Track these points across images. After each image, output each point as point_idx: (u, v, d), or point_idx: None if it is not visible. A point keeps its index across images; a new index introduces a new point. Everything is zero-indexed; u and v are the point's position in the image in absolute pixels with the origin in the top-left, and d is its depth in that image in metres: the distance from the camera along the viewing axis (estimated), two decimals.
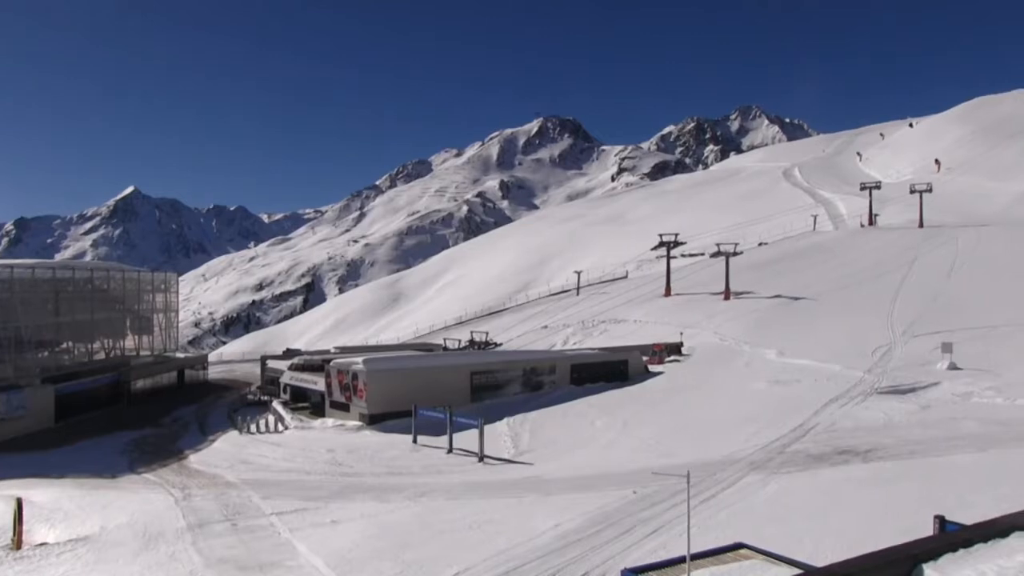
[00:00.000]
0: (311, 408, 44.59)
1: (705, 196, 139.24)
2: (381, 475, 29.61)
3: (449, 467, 30.20)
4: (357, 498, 25.67)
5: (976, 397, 32.91)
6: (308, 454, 34.28)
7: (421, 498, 25.04)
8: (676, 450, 29.10)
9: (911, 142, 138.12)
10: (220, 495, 27.52)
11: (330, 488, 27.56)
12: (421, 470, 29.98)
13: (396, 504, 24.46)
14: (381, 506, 24.32)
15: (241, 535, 22.52)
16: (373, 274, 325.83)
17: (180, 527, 23.59)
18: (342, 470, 31.05)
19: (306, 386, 46.11)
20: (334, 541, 21.12)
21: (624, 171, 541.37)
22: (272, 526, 23.14)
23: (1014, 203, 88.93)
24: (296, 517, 23.71)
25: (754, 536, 13.86)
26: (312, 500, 25.61)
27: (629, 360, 47.73)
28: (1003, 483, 19.79)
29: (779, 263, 74.77)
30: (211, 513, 24.99)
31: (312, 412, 43.82)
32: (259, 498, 26.45)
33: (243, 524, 23.56)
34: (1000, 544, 7.12)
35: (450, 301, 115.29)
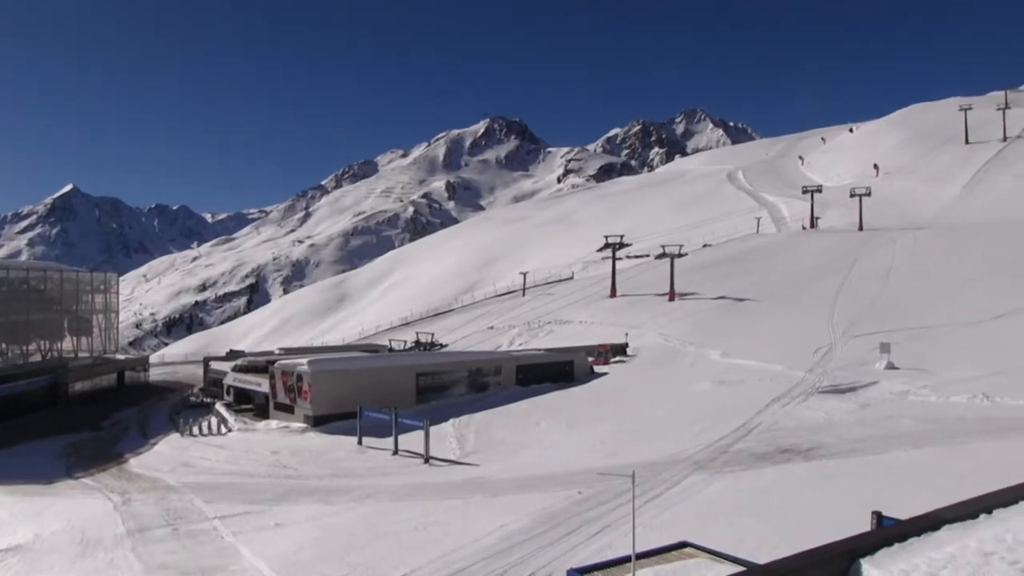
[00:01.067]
0: (255, 410, 44.07)
1: (650, 198, 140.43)
2: (326, 477, 29.37)
3: (395, 468, 30.05)
4: (302, 500, 25.41)
5: (912, 396, 33.65)
6: (252, 456, 33.88)
7: (367, 500, 24.87)
8: (621, 450, 29.27)
9: (851, 147, 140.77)
10: (161, 499, 27.05)
11: (274, 491, 27.25)
12: (366, 472, 29.79)
13: (341, 506, 24.25)
14: (326, 508, 24.11)
15: (183, 540, 22.14)
16: (318, 275, 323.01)
17: (119, 533, 23.11)
18: (286, 472, 30.73)
19: (250, 388, 45.55)
20: (278, 544, 20.88)
21: (570, 173, 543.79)
22: (215, 530, 22.80)
23: (948, 207, 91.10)
24: (239, 521, 23.39)
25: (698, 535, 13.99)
26: (256, 503, 25.29)
27: (575, 361, 47.94)
28: (936, 479, 20.25)
29: (723, 265, 75.69)
30: (152, 518, 24.53)
31: (256, 414, 43.31)
32: (201, 502, 26.04)
33: (185, 529, 23.18)
34: (932, 537, 7.30)
35: (396, 302, 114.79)
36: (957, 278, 58.45)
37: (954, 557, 6.54)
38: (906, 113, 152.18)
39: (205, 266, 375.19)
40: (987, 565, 6.26)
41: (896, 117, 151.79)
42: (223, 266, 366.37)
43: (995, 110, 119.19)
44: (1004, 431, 26.19)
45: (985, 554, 6.50)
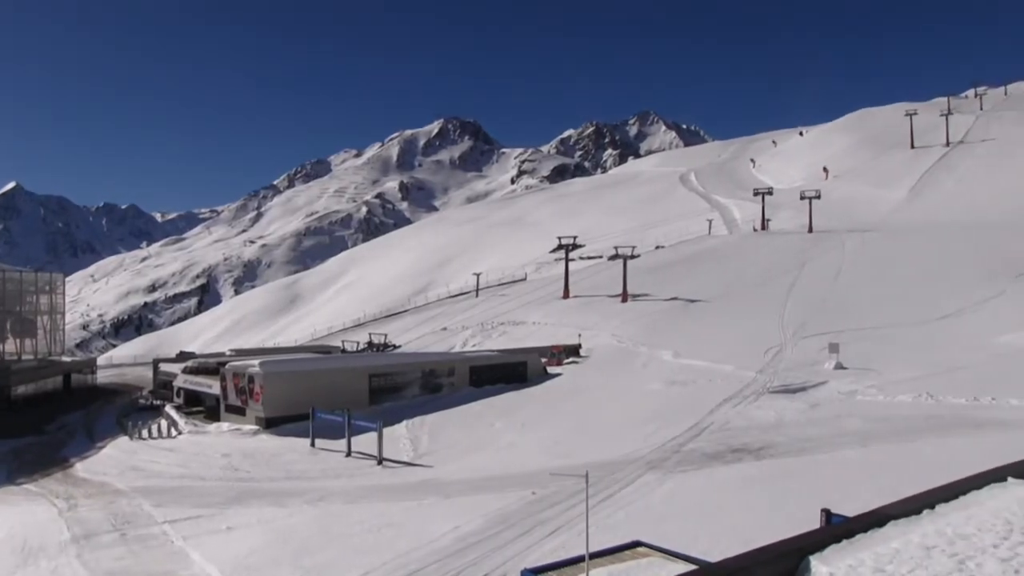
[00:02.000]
0: (206, 412, 43.53)
1: (603, 200, 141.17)
2: (278, 480, 29.12)
3: (348, 470, 29.87)
4: (254, 503, 25.16)
5: (860, 395, 34.19)
6: (203, 459, 33.45)
7: (319, 502, 24.70)
8: (575, 450, 29.38)
9: (801, 150, 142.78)
10: (109, 504, 26.59)
11: (226, 494, 26.93)
12: (319, 474, 29.59)
13: (294, 509, 24.06)
14: (279, 511, 23.90)
15: (131, 545, 21.80)
16: (270, 275, 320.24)
17: (64, 540, 22.66)
18: (238, 475, 30.40)
19: (201, 390, 44.99)
20: (230, 548, 20.65)
21: (524, 174, 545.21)
22: (165, 535, 22.48)
23: (895, 210, 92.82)
24: (190, 525, 23.09)
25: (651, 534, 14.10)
26: (207, 507, 24.98)
27: (528, 362, 48.03)
28: (883, 476, 20.60)
29: (675, 266, 76.35)
30: (98, 523, 24.10)
31: (207, 416, 42.78)
32: (151, 506, 25.66)
33: (133, 534, 22.82)
34: (878, 533, 7.46)
35: (348, 303, 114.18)
36: (904, 279, 59.57)
37: (898, 552, 6.69)
38: (854, 117, 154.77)
39: (155, 266, 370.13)
40: (929, 558, 6.42)
41: (845, 121, 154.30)
42: (173, 266, 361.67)
43: (939, 116, 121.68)
44: (947, 429, 26.74)
45: (927, 548, 6.66)
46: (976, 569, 6.10)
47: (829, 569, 6.64)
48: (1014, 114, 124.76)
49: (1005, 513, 7.39)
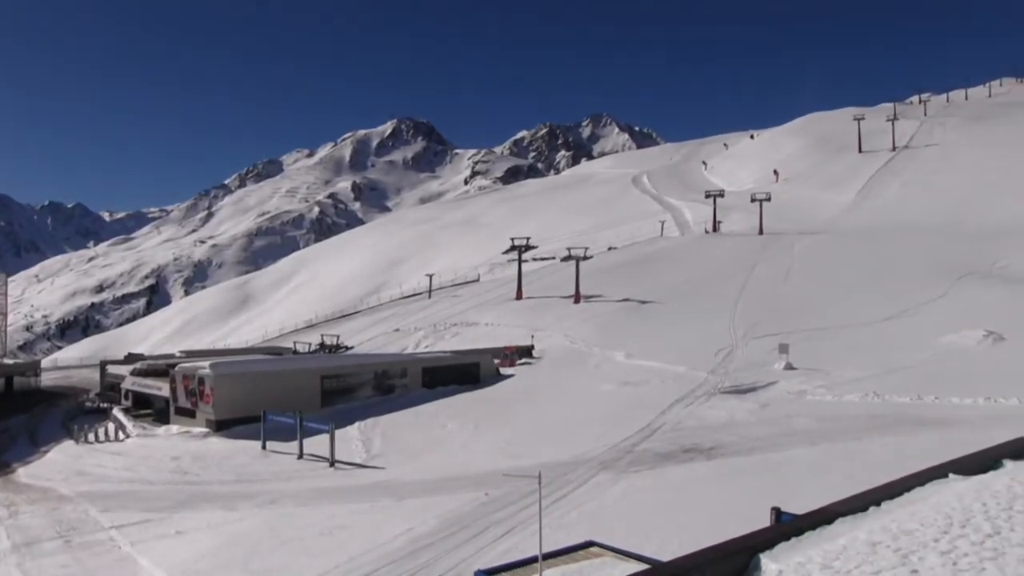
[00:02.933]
0: (155, 415, 42.89)
1: (556, 201, 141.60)
2: (229, 483, 28.77)
3: (300, 473, 29.62)
4: (204, 507, 24.83)
5: (809, 395, 34.69)
6: (151, 463, 32.94)
7: (271, 505, 24.46)
8: (528, 451, 29.42)
9: (752, 153, 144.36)
10: (52, 510, 26.04)
11: (175, 498, 26.55)
12: (271, 476, 29.29)
13: (244, 512, 23.80)
14: (229, 515, 23.62)
15: (76, 552, 21.37)
16: (221, 276, 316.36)
17: (4, 548, 22.07)
18: (188, 479, 29.99)
19: (150, 392, 44.33)
20: (179, 553, 20.38)
21: (477, 175, 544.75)
22: (111, 540, 22.09)
23: (843, 213, 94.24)
24: (138, 529, 22.73)
25: (604, 534, 14.18)
26: (155, 511, 24.61)
27: (481, 363, 48.02)
28: (831, 474, 20.92)
29: (628, 267, 76.80)
30: (41, 530, 23.59)
31: (156, 419, 42.16)
32: (97, 511, 25.19)
33: (78, 540, 22.38)
34: (826, 530, 7.60)
35: (300, 304, 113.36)
36: (851, 281, 60.53)
37: (846, 548, 6.81)
38: (804, 122, 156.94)
39: (102, 266, 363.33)
40: (874, 554, 6.55)
41: (795, 125, 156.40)
42: (121, 266, 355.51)
43: (885, 121, 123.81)
44: (893, 427, 27.24)
45: (873, 544, 6.79)
46: (918, 563, 6.24)
47: (779, 566, 6.74)
48: (955, 120, 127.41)
49: (946, 508, 7.57)
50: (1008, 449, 10.79)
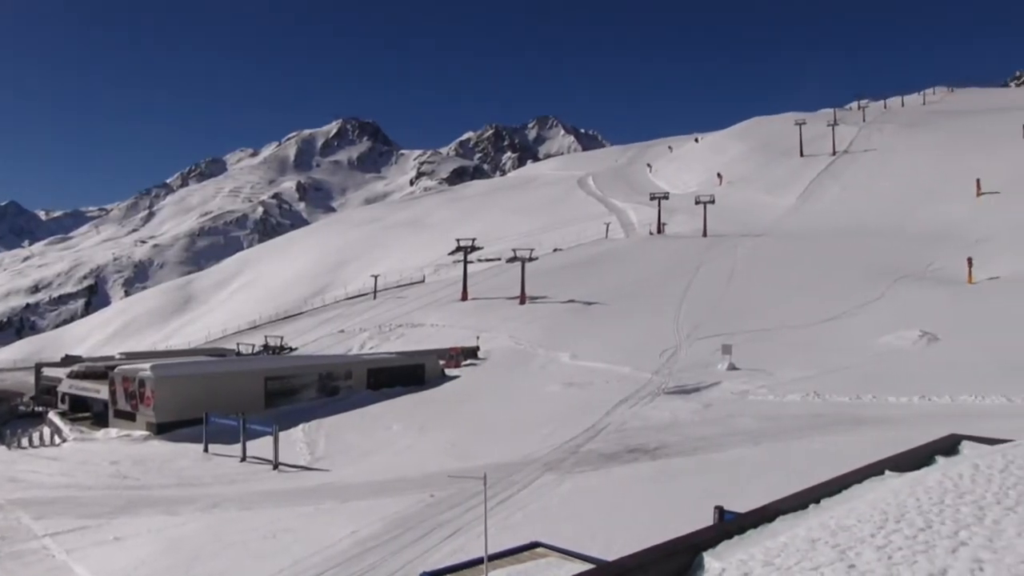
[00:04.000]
0: (93, 418, 42.02)
1: (502, 202, 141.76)
2: (170, 487, 28.28)
3: (243, 476, 29.25)
4: (144, 512, 24.36)
5: (751, 395, 35.19)
6: (89, 468, 32.21)
7: (213, 509, 24.11)
8: (473, 452, 29.43)
9: (696, 156, 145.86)
10: None
11: (114, 503, 25.99)
12: (213, 480, 28.87)
13: (186, 516, 23.43)
14: (170, 519, 23.22)
15: (6, 562, 20.68)
16: (163, 276, 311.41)
17: None
18: (127, 483, 29.40)
19: (88, 395, 43.42)
20: (117, 560, 19.97)
21: (423, 175, 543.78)
22: (45, 549, 21.50)
23: (785, 215, 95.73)
24: (74, 537, 22.19)
25: (549, 534, 14.26)
26: (93, 517, 24.05)
27: (426, 364, 47.91)
28: (773, 473, 21.26)
29: (573, 269, 77.13)
30: None
31: (94, 423, 41.31)
32: (30, 519, 24.48)
33: (9, 550, 21.69)
34: (767, 528, 7.73)
35: (244, 305, 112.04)
36: (792, 283, 61.52)
37: (786, 545, 6.93)
38: (747, 125, 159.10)
39: (38, 266, 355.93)
40: (813, 550, 6.68)
41: (738, 129, 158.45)
42: (58, 266, 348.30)
43: (826, 126, 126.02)
44: (832, 426, 27.78)
45: (812, 541, 6.92)
46: (855, 558, 6.38)
47: (721, 564, 6.84)
48: (892, 126, 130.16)
49: (882, 504, 7.75)
50: (940, 446, 11.08)
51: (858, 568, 6.20)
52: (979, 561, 6.11)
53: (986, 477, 8.27)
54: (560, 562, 11.67)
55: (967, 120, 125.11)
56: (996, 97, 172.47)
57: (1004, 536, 6.56)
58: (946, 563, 6.14)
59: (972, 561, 6.12)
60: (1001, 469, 8.50)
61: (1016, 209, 75.61)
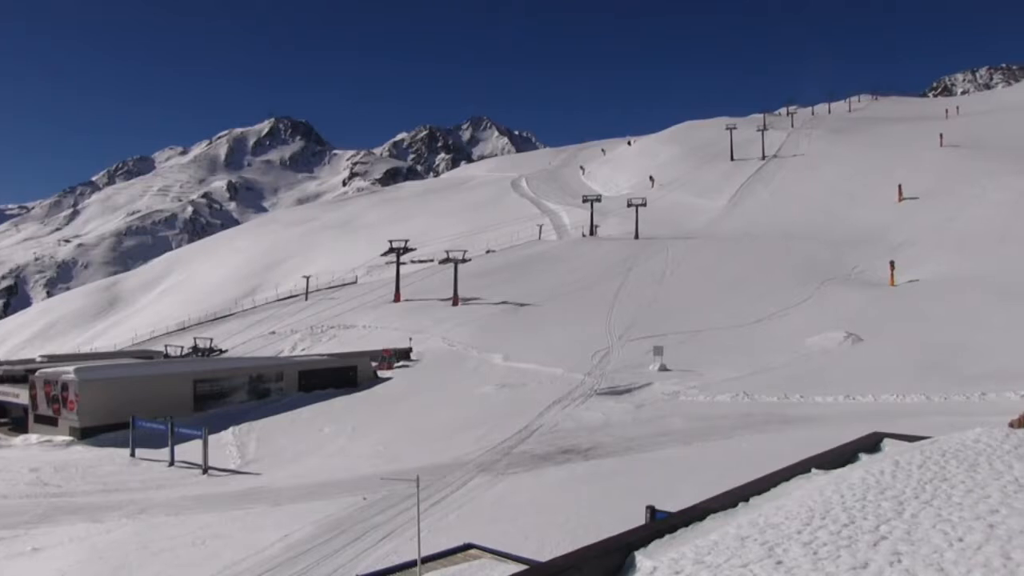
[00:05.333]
0: (11, 424, 40.83)
1: (435, 203, 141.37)
2: (94, 493, 27.57)
3: (171, 481, 28.68)
4: (65, 521, 23.66)
5: (682, 396, 35.66)
6: (6, 475, 31.13)
7: (140, 515, 23.57)
8: (406, 454, 29.33)
9: (629, 159, 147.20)
10: None
11: (33, 512, 25.15)
12: (140, 485, 28.25)
13: (111, 524, 22.85)
14: (94, 527, 22.62)
15: None
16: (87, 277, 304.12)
17: None
18: (48, 491, 28.55)
19: (6, 400, 42.10)
20: (36, 571, 19.32)
21: (356, 176, 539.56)
22: None
23: (715, 218, 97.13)
24: None
25: (483, 536, 14.32)
26: (10, 527, 23.17)
27: (358, 366, 47.60)
28: (703, 472, 21.56)
29: (506, 270, 77.30)
30: None
31: (13, 428, 40.12)
32: None
33: None
34: (698, 527, 7.87)
35: (172, 306, 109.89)
36: (723, 285, 62.50)
37: (716, 543, 7.06)
38: (679, 130, 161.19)
39: None
40: (743, 548, 6.82)
41: (670, 133, 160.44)
42: None
43: (756, 131, 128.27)
44: (762, 426, 28.32)
45: (742, 538, 7.07)
46: (783, 554, 6.54)
47: (653, 563, 6.93)
48: (819, 132, 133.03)
49: (808, 501, 7.94)
50: (864, 444, 11.39)
51: (785, 564, 6.35)
52: (898, 554, 6.32)
53: (906, 473, 8.53)
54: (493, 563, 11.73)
55: (889, 127, 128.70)
56: (916, 106, 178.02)
57: (920, 529, 6.80)
58: (867, 556, 6.33)
59: (891, 554, 6.33)
60: (919, 465, 8.77)
61: (934, 214, 78.03)
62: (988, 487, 7.82)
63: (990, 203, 76.87)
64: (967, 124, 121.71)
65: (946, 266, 60.85)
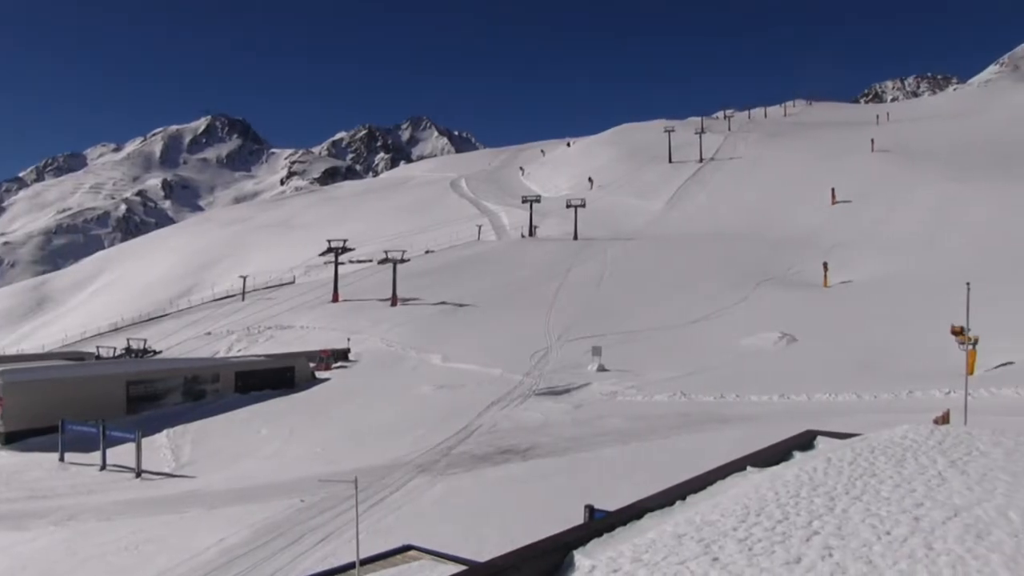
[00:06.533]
0: None
1: (374, 203, 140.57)
2: (20, 500, 26.77)
3: (102, 486, 28.02)
4: None
5: (620, 395, 35.94)
6: None
7: (69, 522, 22.95)
8: (344, 456, 29.09)
9: (568, 160, 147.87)
10: None
11: None
12: (69, 491, 27.54)
13: (38, 531, 22.20)
14: (19, 535, 21.92)
15: None
16: (14, 276, 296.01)
17: None
18: None
19: None
20: None
21: (294, 175, 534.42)
22: None
23: (654, 220, 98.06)
24: None
25: (422, 537, 14.27)
26: None
27: (296, 367, 47.11)
28: (641, 471, 21.75)
29: (445, 271, 77.19)
30: None
31: None
32: None
33: None
34: (636, 525, 7.95)
35: (105, 306, 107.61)
36: (660, 286, 63.16)
37: (654, 542, 7.14)
38: (618, 131, 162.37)
39: None
40: (680, 545, 6.90)
41: (609, 135, 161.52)
42: None
43: (694, 134, 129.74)
44: (698, 425, 28.65)
45: (679, 536, 7.16)
46: (719, 551, 6.64)
47: (591, 562, 6.99)
48: (755, 136, 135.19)
49: (744, 499, 8.07)
50: (797, 442, 11.62)
51: (721, 561, 6.45)
52: (829, 548, 6.48)
53: (837, 469, 8.73)
54: (433, 564, 11.70)
55: (823, 132, 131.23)
56: (849, 112, 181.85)
57: (851, 523, 6.97)
58: (800, 551, 6.46)
59: (823, 548, 6.48)
60: (850, 461, 8.98)
61: (866, 217, 79.89)
62: (914, 481, 8.05)
63: (918, 207, 78.93)
64: (896, 130, 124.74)
65: (877, 268, 62.34)
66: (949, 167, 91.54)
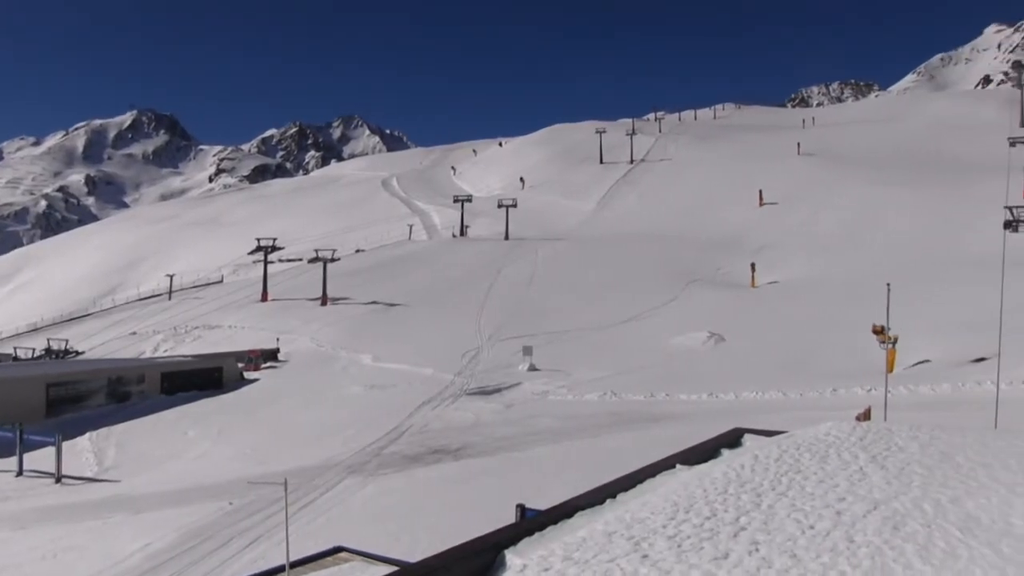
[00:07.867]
0: None
1: (305, 202, 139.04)
2: None
3: (19, 492, 27.17)
4: None
5: (551, 395, 36.17)
6: None
7: None
8: (273, 457, 28.74)
9: (500, 160, 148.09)
10: None
11: None
12: None
13: None
14: None
15: None
16: None
17: None
18: None
19: None
20: None
21: (223, 172, 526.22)
22: None
23: (585, 220, 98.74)
24: None
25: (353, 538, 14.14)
26: None
27: (224, 367, 46.38)
28: (571, 470, 21.89)
29: (376, 270, 76.72)
30: None
31: None
32: None
33: None
34: (567, 524, 8.02)
35: (23, 305, 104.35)
36: (591, 286, 63.62)
37: (585, 540, 7.21)
38: (550, 132, 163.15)
39: None
40: (610, 543, 6.98)
41: (541, 135, 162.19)
42: None
43: (625, 135, 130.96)
44: (628, 424, 28.94)
45: (609, 534, 7.24)
46: (648, 548, 6.73)
47: (523, 561, 7.02)
48: (685, 138, 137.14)
49: (673, 496, 8.20)
50: (725, 440, 11.83)
51: (651, 558, 6.53)
52: (756, 543, 6.62)
53: (763, 466, 8.91)
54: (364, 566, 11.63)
55: (752, 135, 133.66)
56: (776, 116, 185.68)
57: (776, 519, 7.13)
58: (728, 547, 6.59)
59: (750, 543, 6.62)
60: (776, 458, 9.18)
61: (792, 219, 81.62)
62: (836, 476, 8.27)
63: (841, 209, 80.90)
64: (821, 134, 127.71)
65: (802, 269, 63.76)
66: (871, 171, 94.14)
